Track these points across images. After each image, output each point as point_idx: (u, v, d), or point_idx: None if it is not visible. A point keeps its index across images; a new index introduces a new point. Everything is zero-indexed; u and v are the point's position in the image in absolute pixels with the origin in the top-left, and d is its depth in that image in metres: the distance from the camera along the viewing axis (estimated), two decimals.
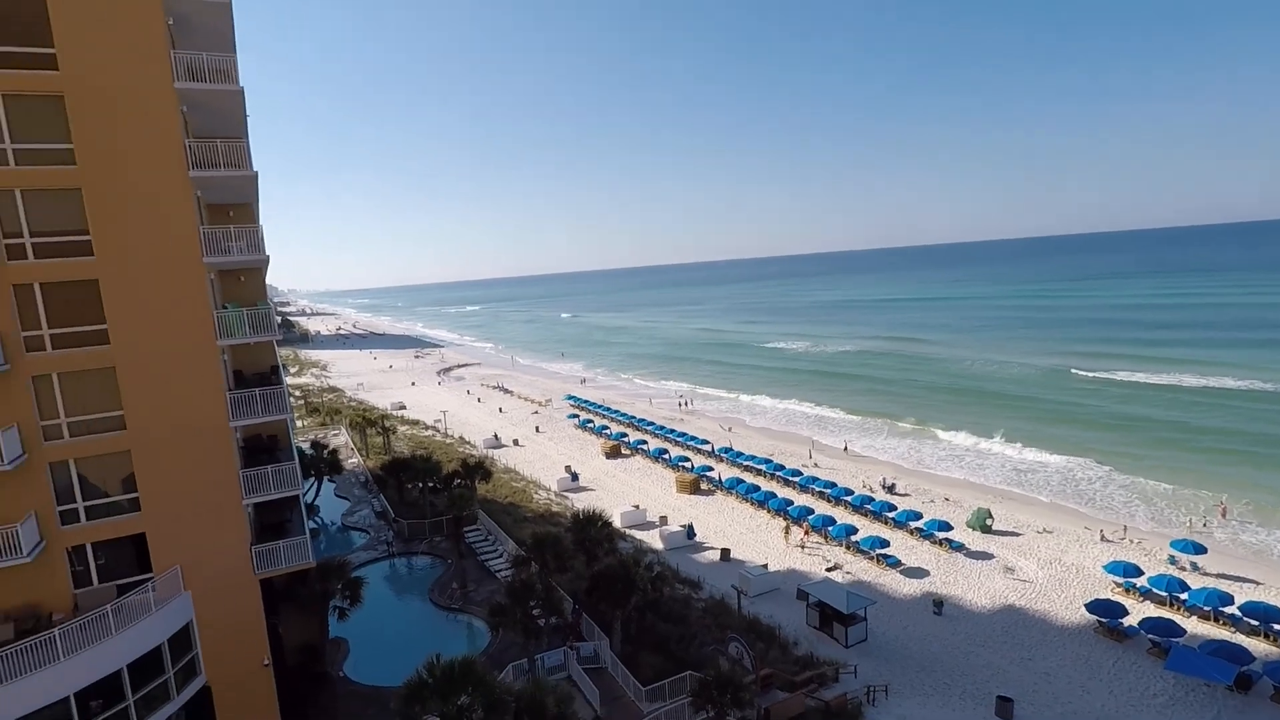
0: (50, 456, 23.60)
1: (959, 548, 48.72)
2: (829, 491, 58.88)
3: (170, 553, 25.16)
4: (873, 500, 55.79)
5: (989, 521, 51.71)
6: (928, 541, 50.04)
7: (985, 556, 47.72)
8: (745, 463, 69.43)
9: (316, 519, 55.43)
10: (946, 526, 49.81)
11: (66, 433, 23.90)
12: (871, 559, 47.51)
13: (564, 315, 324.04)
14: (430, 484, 54.75)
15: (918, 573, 45.87)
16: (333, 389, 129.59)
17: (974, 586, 43.80)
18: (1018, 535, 50.89)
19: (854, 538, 49.62)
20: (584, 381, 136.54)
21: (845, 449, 77.36)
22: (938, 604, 40.79)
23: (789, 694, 31.59)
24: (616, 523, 52.96)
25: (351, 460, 72.76)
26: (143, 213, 23.91)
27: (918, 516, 51.90)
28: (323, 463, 59.46)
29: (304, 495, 34.83)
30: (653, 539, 52.51)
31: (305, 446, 61.89)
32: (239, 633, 26.55)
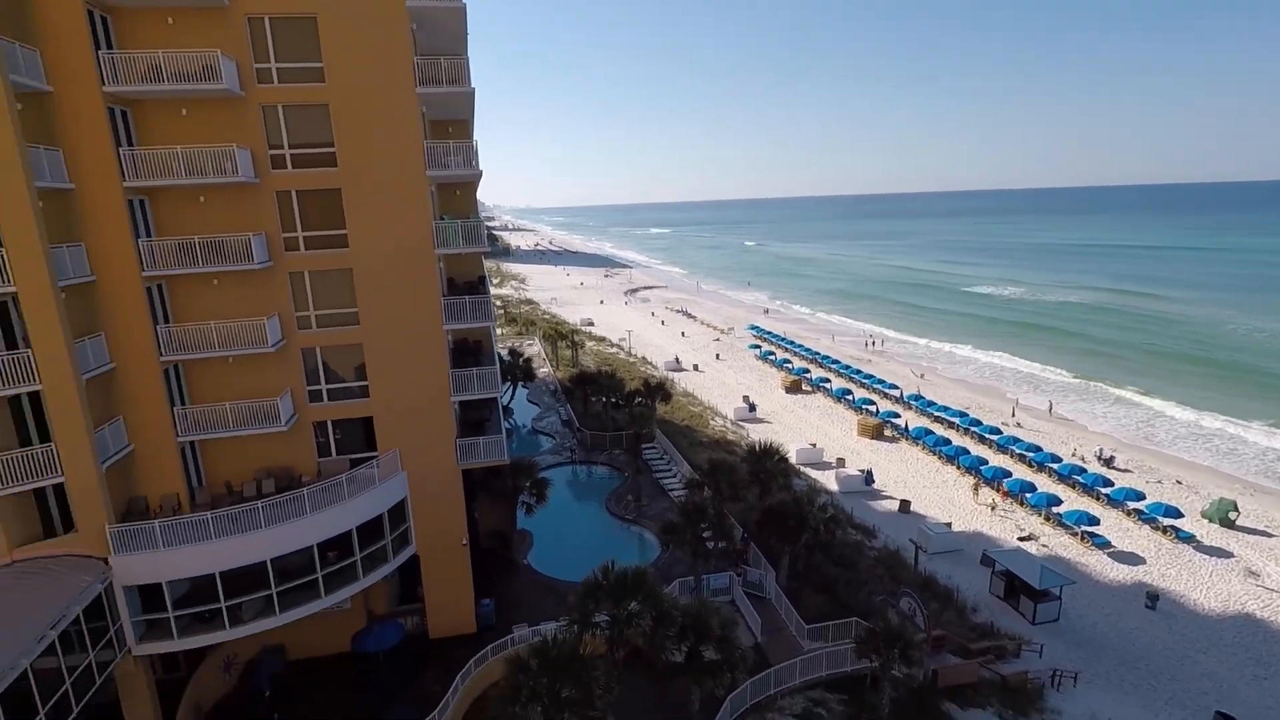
0: (302, 343, 27.29)
1: (1188, 539, 42.40)
2: (1031, 455, 53.51)
3: (392, 436, 28.45)
4: (1084, 471, 49.80)
5: (1232, 515, 44.27)
6: (1148, 526, 44.05)
7: (1222, 554, 41.17)
8: (937, 413, 64.86)
9: (510, 421, 60.25)
10: (1175, 513, 43.38)
11: (315, 324, 27.41)
12: (1074, 535, 42.84)
13: (748, 243, 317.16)
14: (613, 399, 57.10)
15: (1130, 559, 40.73)
16: (529, 301, 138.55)
17: (1201, 585, 38.11)
18: (1269, 536, 43.21)
19: (1056, 509, 44.91)
20: (767, 312, 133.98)
21: (1050, 410, 69.61)
22: (1152, 597, 36.07)
23: (962, 660, 29.91)
24: (792, 459, 52.09)
25: (543, 370, 77.72)
26: (377, 128, 25.90)
27: (1139, 497, 45.69)
28: (518, 370, 64.07)
29: (501, 398, 37.68)
30: (828, 480, 51.22)
31: (504, 353, 66.95)
32: (443, 513, 29.75)
